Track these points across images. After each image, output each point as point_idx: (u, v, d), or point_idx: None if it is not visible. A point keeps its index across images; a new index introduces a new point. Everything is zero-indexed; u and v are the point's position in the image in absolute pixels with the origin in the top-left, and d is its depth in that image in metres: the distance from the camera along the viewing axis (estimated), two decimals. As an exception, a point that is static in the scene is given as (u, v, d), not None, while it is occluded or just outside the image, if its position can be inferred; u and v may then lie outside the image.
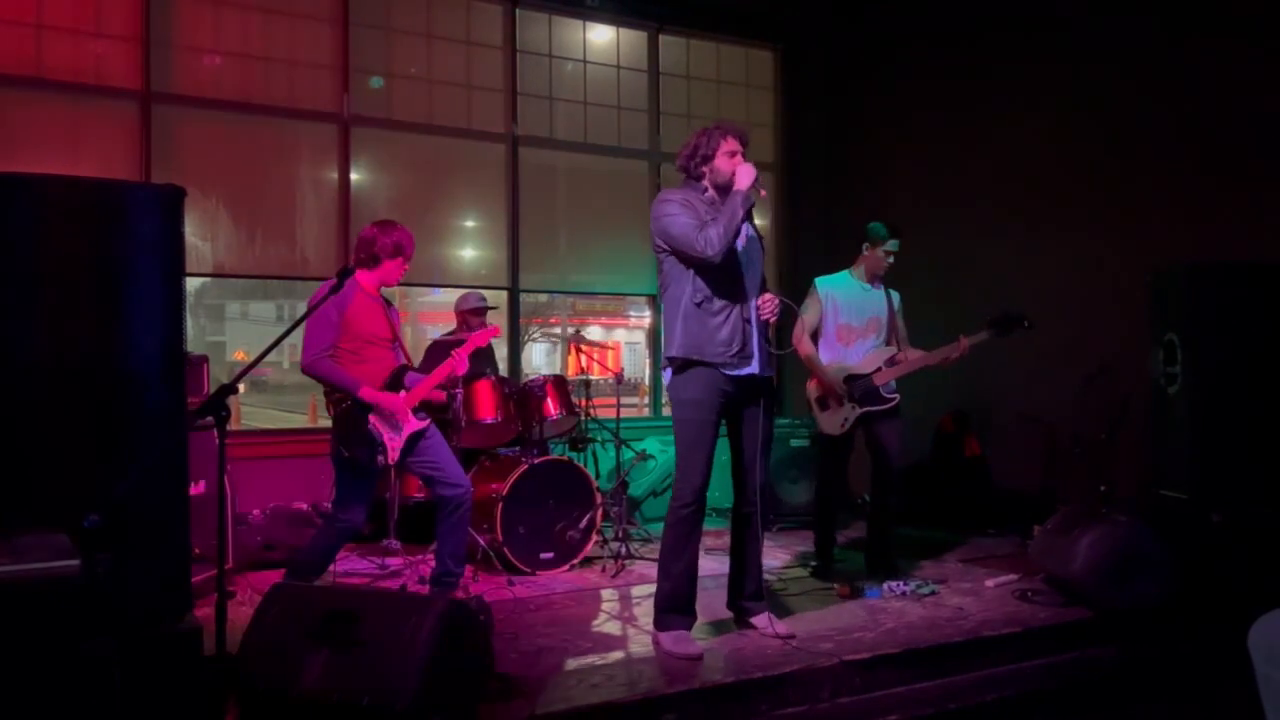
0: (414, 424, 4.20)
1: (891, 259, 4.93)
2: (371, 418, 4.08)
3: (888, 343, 4.97)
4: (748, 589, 4.00)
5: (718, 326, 3.70)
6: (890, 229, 4.91)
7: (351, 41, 6.38)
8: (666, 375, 3.85)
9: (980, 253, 6.58)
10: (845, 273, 5.03)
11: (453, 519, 4.31)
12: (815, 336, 4.94)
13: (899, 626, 4.05)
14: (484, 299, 5.99)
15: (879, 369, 4.83)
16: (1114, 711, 3.83)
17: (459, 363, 4.34)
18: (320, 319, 4.03)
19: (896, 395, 4.85)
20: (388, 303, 4.45)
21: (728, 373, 3.73)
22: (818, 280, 5.00)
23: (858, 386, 4.81)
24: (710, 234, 3.61)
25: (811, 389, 4.96)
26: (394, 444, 4.12)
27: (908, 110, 7.35)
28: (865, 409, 4.81)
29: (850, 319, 4.91)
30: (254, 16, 6.13)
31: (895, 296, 5.06)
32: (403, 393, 4.19)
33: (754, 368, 3.78)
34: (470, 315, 5.84)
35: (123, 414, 3.11)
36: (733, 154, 3.79)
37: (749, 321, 3.76)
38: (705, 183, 3.86)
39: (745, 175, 3.71)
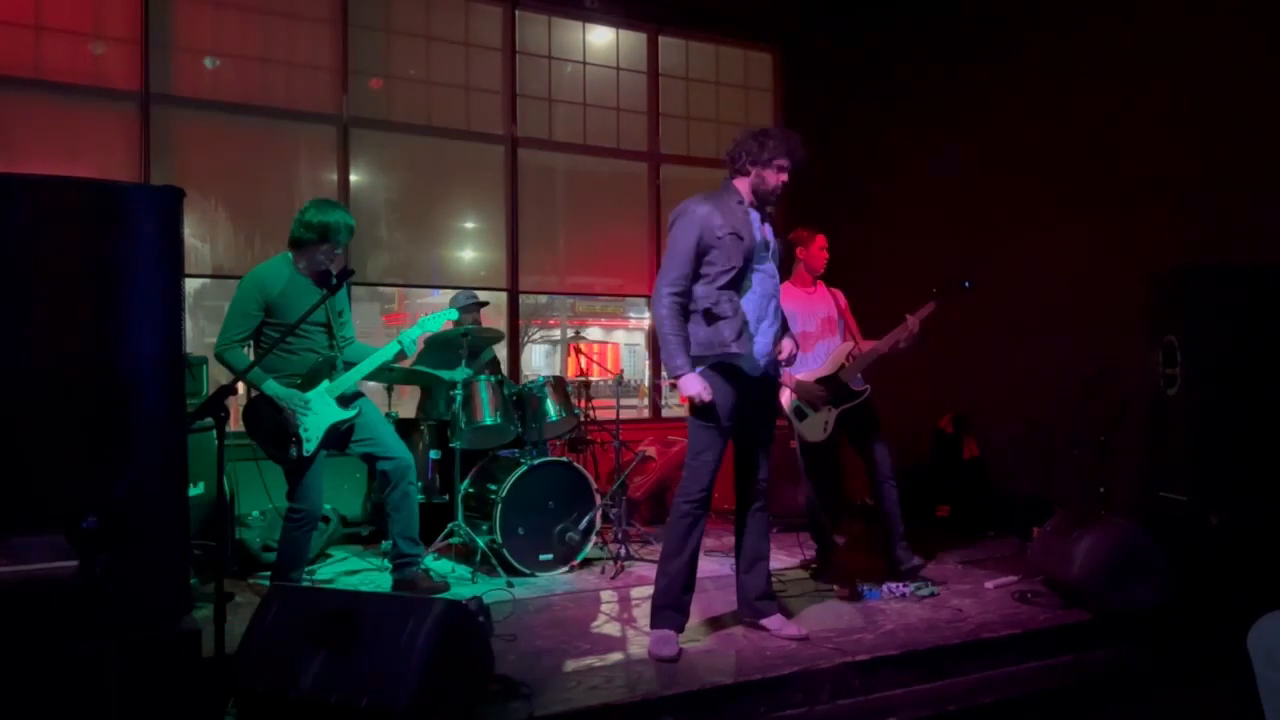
0: (335, 414, 4.12)
1: (824, 253, 5.02)
2: (282, 410, 4.00)
3: (843, 339, 5.01)
4: (758, 590, 4.00)
5: (723, 328, 3.73)
6: (812, 226, 5.05)
7: (350, 43, 6.39)
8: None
9: (980, 253, 6.58)
10: (786, 285, 5.05)
11: (396, 494, 4.30)
12: None
13: (898, 628, 4.05)
14: (475, 296, 5.97)
15: (843, 366, 4.85)
16: (1113, 713, 3.83)
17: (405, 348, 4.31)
18: (237, 303, 3.97)
19: (866, 387, 4.89)
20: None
21: (739, 366, 3.74)
22: None
23: (829, 388, 4.83)
24: (657, 307, 3.72)
25: (786, 401, 4.96)
26: (308, 436, 4.03)
27: (907, 112, 7.35)
28: (841, 408, 4.82)
29: (805, 325, 4.95)
30: (253, 18, 6.14)
31: (838, 295, 5.12)
32: (324, 381, 4.11)
33: (762, 365, 3.81)
34: (463, 314, 5.83)
35: (121, 415, 3.11)
36: (781, 170, 3.81)
37: (760, 320, 3.79)
38: (747, 182, 3.83)
39: (690, 388, 3.70)
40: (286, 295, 4.06)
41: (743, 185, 3.84)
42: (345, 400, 4.19)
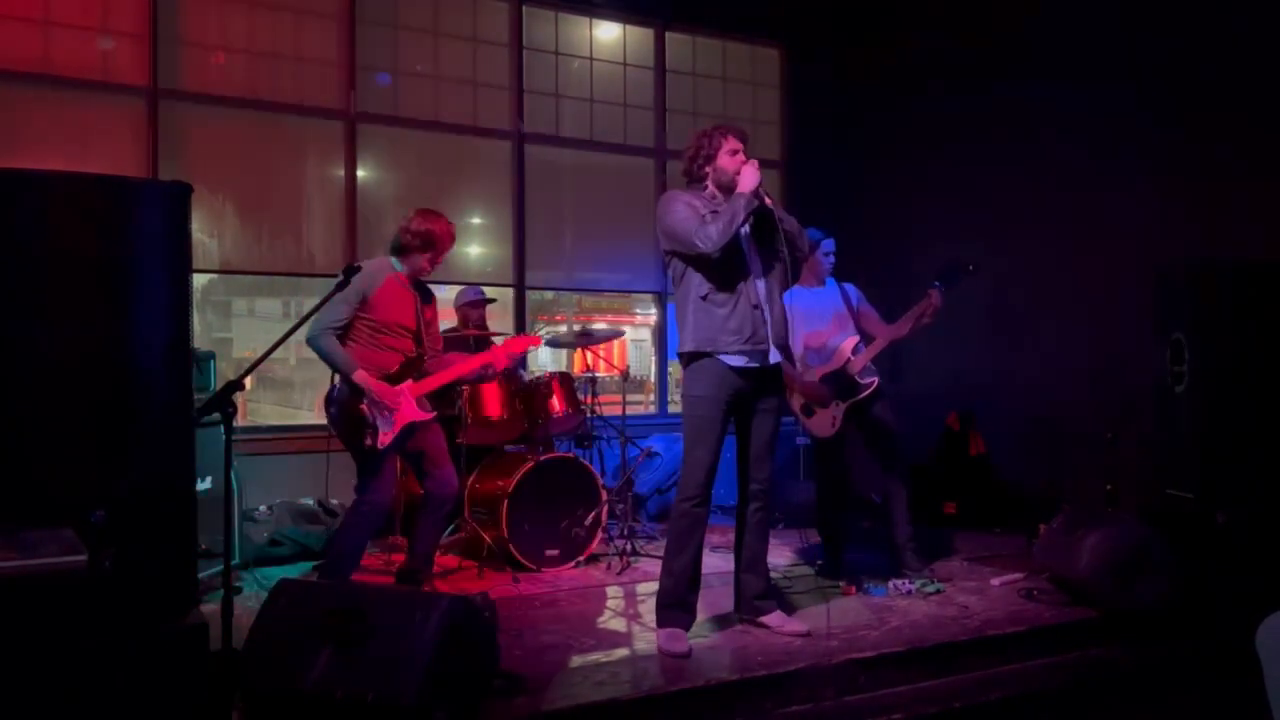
0: (413, 414, 4.19)
1: (831, 257, 4.99)
2: (364, 401, 4.09)
3: (856, 333, 4.98)
4: (758, 588, 3.99)
5: (726, 316, 3.71)
6: (821, 232, 4.99)
7: (358, 38, 6.39)
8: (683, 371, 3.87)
9: (988, 250, 6.55)
10: (795, 287, 5.04)
11: (432, 517, 4.38)
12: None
13: (904, 625, 4.05)
14: (481, 292, 5.98)
15: (849, 359, 4.84)
16: (1118, 711, 3.82)
17: (497, 359, 4.42)
18: (338, 295, 4.09)
19: (875, 378, 4.84)
20: (426, 294, 4.45)
21: (736, 364, 3.72)
22: None
23: (834, 382, 4.82)
24: (710, 230, 3.63)
25: (794, 400, 4.96)
26: (385, 429, 4.12)
27: (914, 108, 7.33)
28: (849, 401, 4.82)
29: (816, 324, 4.93)
30: (261, 13, 6.14)
31: (851, 289, 5.08)
32: (408, 382, 4.19)
33: (769, 358, 3.78)
34: (469, 310, 5.84)
35: (129, 410, 3.12)
36: (734, 153, 3.81)
37: (758, 308, 3.75)
38: (709, 183, 3.88)
39: (749, 178, 3.71)
40: (384, 295, 4.21)
41: (710, 187, 3.87)
42: (424, 405, 4.29)
